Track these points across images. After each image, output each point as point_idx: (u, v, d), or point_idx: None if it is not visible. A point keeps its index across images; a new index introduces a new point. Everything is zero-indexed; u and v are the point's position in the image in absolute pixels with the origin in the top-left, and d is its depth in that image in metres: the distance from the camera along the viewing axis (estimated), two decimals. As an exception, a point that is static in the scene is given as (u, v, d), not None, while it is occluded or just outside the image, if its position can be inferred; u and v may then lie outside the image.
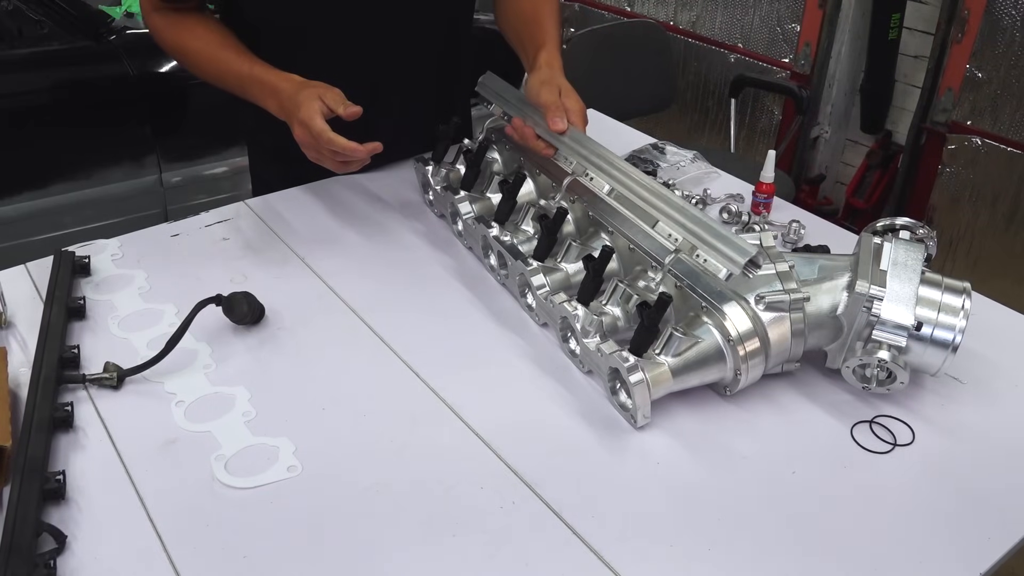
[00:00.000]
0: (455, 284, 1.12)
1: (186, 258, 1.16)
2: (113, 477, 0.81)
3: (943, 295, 0.87)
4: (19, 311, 1.04)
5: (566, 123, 1.09)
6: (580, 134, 1.09)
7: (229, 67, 1.18)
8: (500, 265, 1.10)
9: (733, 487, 0.81)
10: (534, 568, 0.73)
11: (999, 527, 0.77)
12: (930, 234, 0.97)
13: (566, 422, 0.89)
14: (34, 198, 2.31)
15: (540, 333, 1.02)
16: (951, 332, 0.85)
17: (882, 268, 0.88)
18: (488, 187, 1.20)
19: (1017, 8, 2.38)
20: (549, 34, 1.24)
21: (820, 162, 3.24)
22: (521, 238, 1.09)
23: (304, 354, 0.98)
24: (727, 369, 0.87)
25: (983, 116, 2.55)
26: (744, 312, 0.87)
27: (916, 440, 0.87)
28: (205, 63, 1.21)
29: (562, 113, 1.09)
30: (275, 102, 1.14)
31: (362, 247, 1.19)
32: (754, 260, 0.84)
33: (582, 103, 1.13)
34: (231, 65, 1.18)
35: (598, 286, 0.96)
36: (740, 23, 3.16)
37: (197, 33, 1.21)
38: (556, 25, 1.27)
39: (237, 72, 1.17)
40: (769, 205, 1.26)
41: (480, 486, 0.80)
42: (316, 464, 0.83)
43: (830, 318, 0.89)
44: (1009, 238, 2.59)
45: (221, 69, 1.20)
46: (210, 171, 2.57)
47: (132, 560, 0.73)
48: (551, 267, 1.02)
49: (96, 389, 0.92)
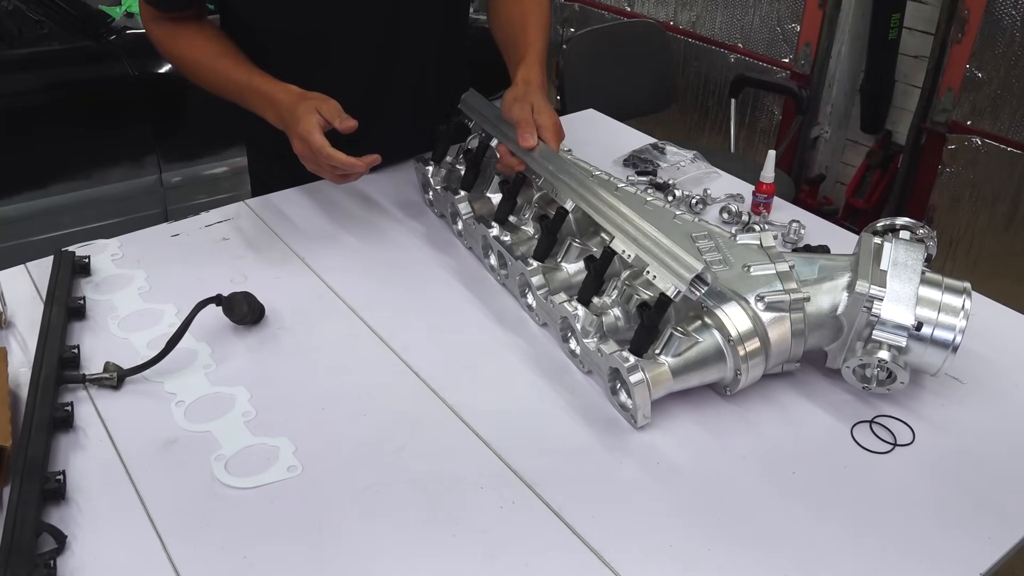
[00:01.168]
0: (455, 284, 1.12)
1: (186, 258, 1.16)
2: (113, 477, 0.81)
3: (943, 295, 0.87)
4: (19, 311, 1.04)
5: (536, 139, 1.09)
6: (549, 151, 1.09)
7: (228, 76, 1.18)
8: (500, 265, 1.10)
9: (733, 487, 0.81)
10: (534, 568, 0.73)
11: (999, 527, 0.77)
12: (930, 234, 0.97)
13: (566, 422, 0.89)
14: (34, 198, 2.31)
15: (540, 333, 1.02)
16: (951, 332, 0.85)
17: (882, 268, 0.88)
18: (488, 187, 1.20)
19: (1017, 8, 2.38)
20: (532, 45, 1.23)
21: (820, 162, 3.24)
22: (521, 237, 1.09)
23: (304, 354, 0.98)
24: (727, 369, 0.87)
25: (983, 116, 2.55)
26: (744, 312, 0.87)
27: (916, 440, 0.87)
28: (204, 72, 1.21)
29: (532, 129, 1.10)
30: (273, 113, 1.14)
31: (362, 247, 1.19)
32: (701, 276, 0.83)
33: (555, 118, 1.13)
34: (230, 74, 1.18)
35: (599, 286, 0.96)
36: (740, 23, 3.16)
37: (196, 42, 1.21)
38: (541, 34, 1.26)
39: (236, 81, 1.17)
40: (769, 205, 1.26)
41: (480, 486, 0.80)
42: (316, 464, 0.83)
43: (830, 318, 0.89)
44: (1009, 238, 2.59)
45: (220, 78, 1.20)
46: (210, 171, 2.57)
47: (132, 560, 0.73)
48: (551, 267, 1.02)
49: (96, 389, 0.92)
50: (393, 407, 0.90)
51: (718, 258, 0.93)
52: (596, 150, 1.44)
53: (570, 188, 1.03)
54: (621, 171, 1.42)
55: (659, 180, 1.37)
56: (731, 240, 0.96)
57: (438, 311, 1.06)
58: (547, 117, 1.12)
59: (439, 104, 1.34)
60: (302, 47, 1.22)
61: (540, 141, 1.10)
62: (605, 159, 1.45)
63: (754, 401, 0.91)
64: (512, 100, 1.15)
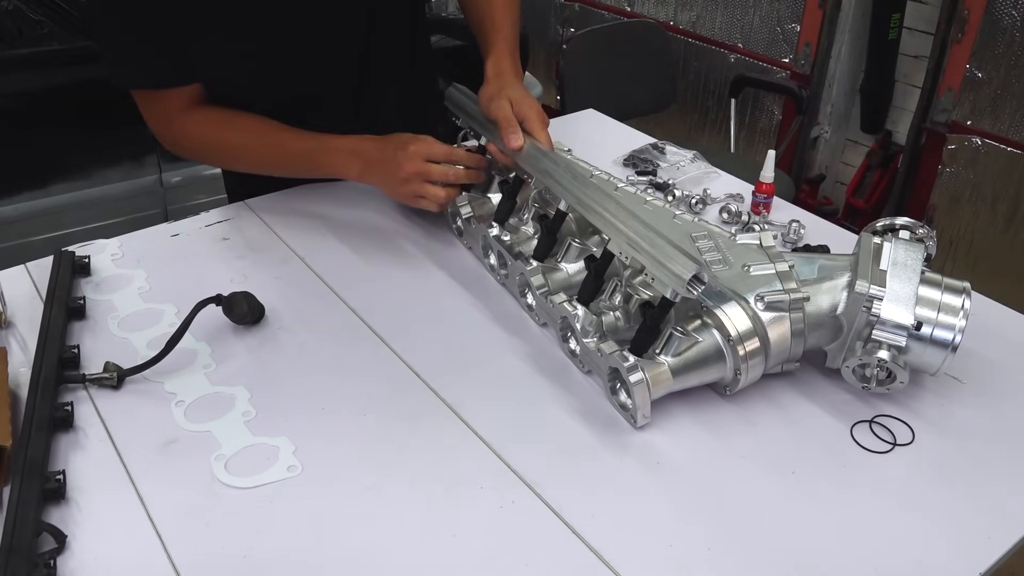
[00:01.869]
0: (455, 284, 1.12)
1: (186, 258, 1.16)
2: (113, 477, 0.81)
3: (943, 295, 0.87)
4: (19, 311, 1.04)
5: (521, 138, 1.08)
6: (541, 151, 1.07)
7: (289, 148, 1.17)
8: (500, 265, 1.10)
9: (733, 487, 0.81)
10: (534, 567, 0.73)
11: (999, 526, 0.77)
12: (930, 234, 0.97)
13: (566, 422, 0.89)
14: (34, 198, 2.31)
15: (540, 333, 1.02)
16: (951, 332, 0.85)
17: (882, 268, 0.88)
18: (488, 187, 1.20)
19: (1017, 8, 2.38)
20: (500, 31, 1.20)
21: (820, 162, 3.24)
22: (521, 237, 1.09)
23: (304, 354, 0.98)
24: (727, 369, 0.87)
25: (983, 116, 2.55)
26: (744, 312, 0.87)
27: (916, 440, 0.87)
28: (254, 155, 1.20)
29: (515, 128, 1.08)
30: (360, 162, 1.15)
31: (362, 247, 1.19)
32: (698, 276, 0.83)
33: (536, 107, 1.10)
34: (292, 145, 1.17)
35: (599, 286, 0.96)
36: (740, 23, 3.16)
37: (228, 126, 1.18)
38: (508, 17, 1.22)
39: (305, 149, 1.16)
40: (769, 205, 1.26)
41: (480, 486, 0.80)
42: (316, 464, 0.83)
43: (830, 318, 0.89)
44: (1009, 238, 2.59)
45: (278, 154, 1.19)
46: (210, 171, 2.57)
47: (132, 559, 0.73)
48: (551, 267, 1.02)
49: (96, 389, 0.92)
50: (393, 407, 0.90)
51: (718, 258, 0.93)
52: (596, 150, 1.44)
53: (565, 190, 1.02)
54: (621, 171, 1.42)
55: (659, 180, 1.37)
56: (731, 240, 0.96)
57: (438, 311, 1.06)
58: (527, 108, 1.09)
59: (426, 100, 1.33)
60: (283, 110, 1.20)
61: (528, 137, 1.08)
62: (605, 159, 1.45)
63: (754, 401, 0.91)
64: (488, 99, 1.13)
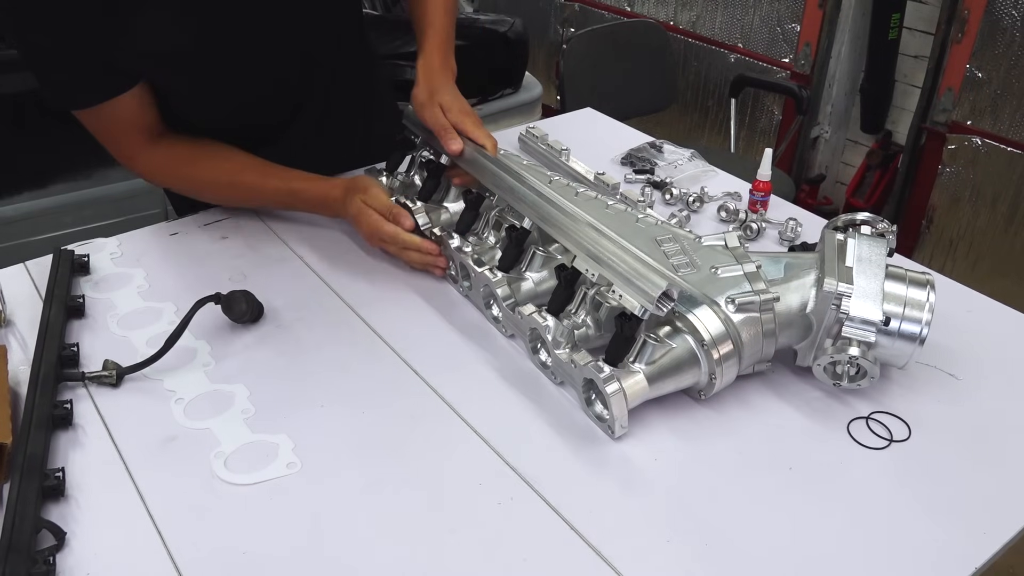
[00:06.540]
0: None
1: (185, 257, 1.16)
2: (113, 474, 0.81)
3: (908, 289, 0.87)
4: (19, 309, 1.04)
5: (460, 142, 1.08)
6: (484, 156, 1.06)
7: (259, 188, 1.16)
8: (463, 276, 1.07)
9: (730, 483, 0.81)
10: (532, 564, 0.73)
11: (995, 522, 0.77)
12: (890, 228, 0.97)
13: (565, 419, 0.89)
14: (34, 198, 2.31)
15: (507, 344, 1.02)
16: (918, 325, 0.86)
17: (848, 265, 0.88)
18: (446, 197, 1.16)
19: (1017, 8, 2.38)
20: (432, 25, 1.18)
21: (820, 162, 3.24)
22: (483, 248, 1.07)
23: (302, 351, 0.98)
24: (702, 373, 0.87)
25: (983, 116, 2.55)
26: (716, 315, 0.86)
27: (912, 436, 0.87)
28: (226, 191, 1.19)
29: (452, 135, 1.08)
30: (328, 211, 1.17)
31: (360, 245, 1.19)
32: (667, 293, 0.83)
33: (467, 108, 1.09)
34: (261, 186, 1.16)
35: (569, 297, 0.93)
36: (740, 23, 3.16)
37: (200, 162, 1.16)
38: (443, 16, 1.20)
39: (274, 190, 1.16)
40: (766, 203, 1.26)
41: (478, 483, 0.81)
42: (315, 461, 0.83)
43: (799, 316, 0.89)
44: (1009, 238, 2.59)
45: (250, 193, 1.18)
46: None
47: (131, 556, 0.73)
48: (516, 277, 1.00)
49: (95, 387, 0.92)
50: (392, 404, 0.90)
51: (685, 261, 0.92)
52: (594, 149, 1.45)
53: (529, 208, 1.00)
54: (619, 170, 1.42)
55: (656, 178, 1.37)
56: (696, 242, 0.95)
57: (437, 309, 1.07)
58: (458, 112, 1.09)
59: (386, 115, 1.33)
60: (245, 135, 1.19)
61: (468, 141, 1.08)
62: (603, 158, 1.45)
63: (753, 399, 0.91)
64: (420, 107, 1.12)
